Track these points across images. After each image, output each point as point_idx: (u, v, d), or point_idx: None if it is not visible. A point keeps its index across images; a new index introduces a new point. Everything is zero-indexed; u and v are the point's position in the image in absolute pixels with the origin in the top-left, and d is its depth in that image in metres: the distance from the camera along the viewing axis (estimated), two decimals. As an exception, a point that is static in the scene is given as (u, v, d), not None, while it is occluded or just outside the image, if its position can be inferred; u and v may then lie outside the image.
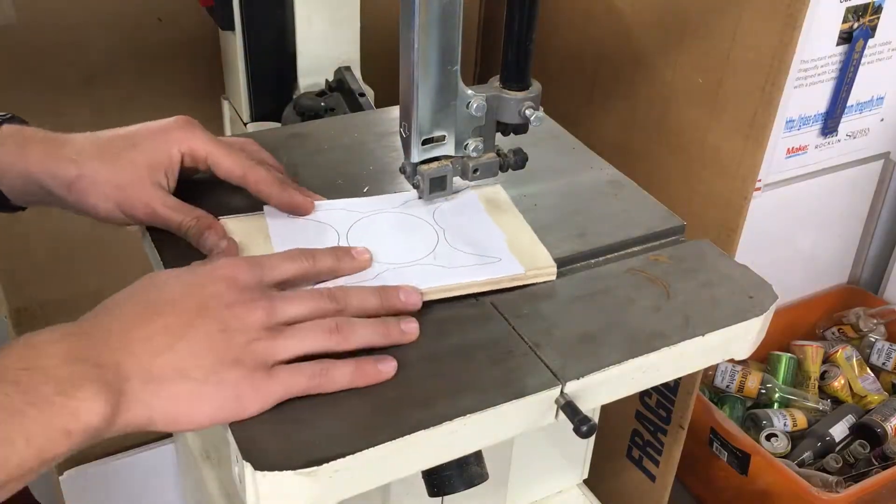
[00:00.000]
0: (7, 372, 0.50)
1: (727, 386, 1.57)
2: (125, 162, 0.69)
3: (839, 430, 1.51)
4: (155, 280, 0.60)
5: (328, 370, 0.58)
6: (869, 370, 1.64)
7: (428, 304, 0.67)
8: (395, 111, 0.87)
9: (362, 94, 0.99)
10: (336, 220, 0.74)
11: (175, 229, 0.70)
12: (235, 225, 0.72)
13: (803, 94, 1.45)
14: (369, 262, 0.68)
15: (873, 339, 1.68)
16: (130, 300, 0.58)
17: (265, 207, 0.74)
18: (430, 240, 0.73)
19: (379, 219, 0.75)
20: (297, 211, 0.73)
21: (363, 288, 0.64)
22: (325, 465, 0.53)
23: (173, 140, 0.71)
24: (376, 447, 0.55)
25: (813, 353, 1.63)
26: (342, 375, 0.58)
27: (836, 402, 1.61)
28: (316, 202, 0.75)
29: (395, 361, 0.60)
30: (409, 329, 0.63)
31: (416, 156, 0.72)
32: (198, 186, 0.75)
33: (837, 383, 1.60)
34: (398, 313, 0.64)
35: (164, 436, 1.31)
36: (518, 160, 0.77)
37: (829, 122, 1.51)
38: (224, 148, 0.72)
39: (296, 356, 0.58)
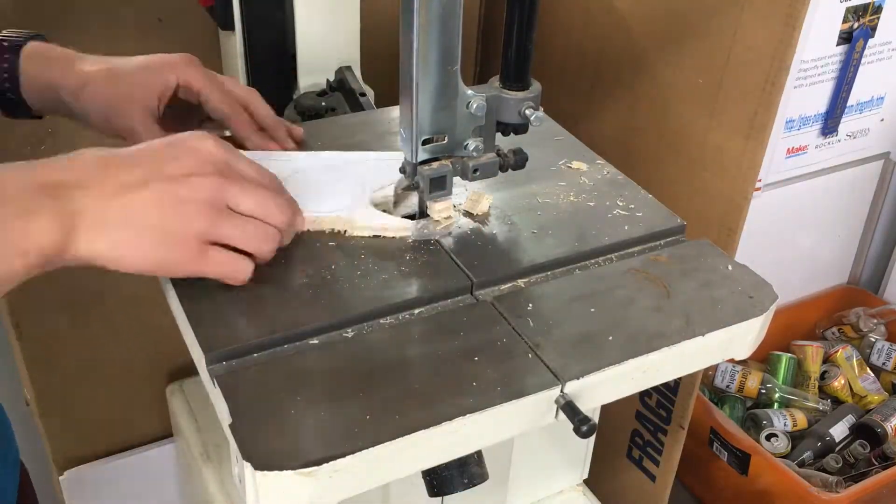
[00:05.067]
0: None
1: (727, 386, 1.57)
2: (125, 80, 0.76)
3: (839, 430, 1.51)
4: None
5: (238, 263, 0.64)
6: (869, 370, 1.64)
7: (426, 302, 0.67)
8: (395, 111, 0.87)
9: (363, 94, 0.98)
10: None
11: None
12: None
13: (803, 94, 1.45)
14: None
15: (873, 339, 1.68)
16: (102, 150, 0.62)
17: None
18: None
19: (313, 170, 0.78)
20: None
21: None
22: (325, 465, 0.53)
23: (174, 70, 0.77)
24: (376, 447, 0.55)
25: (813, 353, 1.63)
26: (243, 268, 0.64)
27: (836, 402, 1.61)
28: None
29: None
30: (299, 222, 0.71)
31: (417, 156, 0.72)
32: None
33: (837, 383, 1.60)
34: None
35: (164, 435, 1.31)
36: (518, 160, 0.77)
37: (829, 122, 1.51)
38: (217, 86, 0.79)
39: (229, 245, 0.63)
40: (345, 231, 0.73)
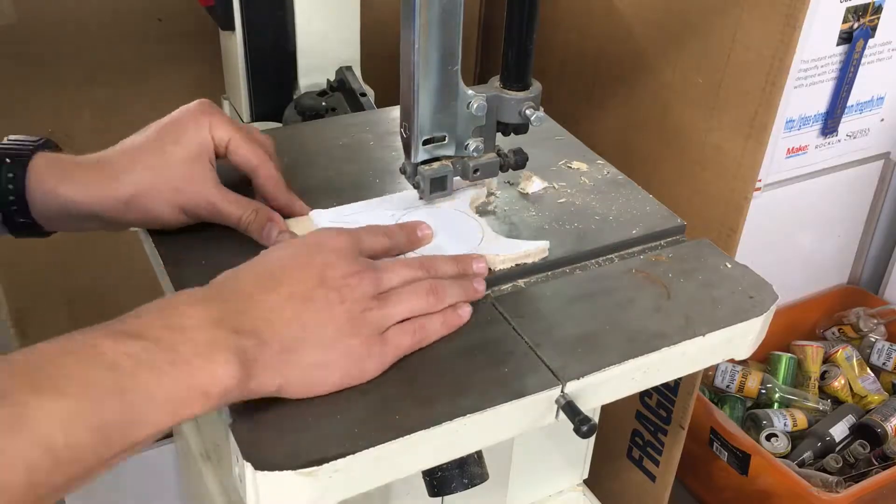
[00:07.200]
0: (149, 329, 0.52)
1: (727, 386, 1.57)
2: (175, 162, 0.68)
3: (839, 431, 1.51)
4: (268, 254, 0.62)
5: (425, 325, 0.63)
6: (869, 370, 1.64)
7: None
8: (395, 111, 0.87)
9: (363, 94, 0.99)
10: (379, 220, 0.74)
11: (235, 223, 0.71)
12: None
13: (803, 94, 1.45)
14: (431, 237, 0.72)
15: (873, 339, 1.68)
16: (251, 270, 0.60)
17: (312, 212, 0.75)
18: (476, 232, 0.75)
19: (421, 215, 0.75)
20: (291, 216, 0.74)
21: (442, 256, 0.69)
22: (325, 465, 0.53)
23: (203, 125, 0.70)
24: (376, 447, 0.55)
25: (813, 353, 1.63)
26: (435, 328, 0.64)
27: (837, 402, 1.60)
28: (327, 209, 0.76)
29: (469, 306, 0.66)
30: (481, 287, 0.68)
31: (417, 156, 0.72)
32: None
33: (837, 383, 1.60)
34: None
35: (165, 435, 1.31)
36: (518, 160, 0.77)
37: (830, 123, 1.51)
38: (245, 135, 0.72)
39: (401, 319, 0.62)
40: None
